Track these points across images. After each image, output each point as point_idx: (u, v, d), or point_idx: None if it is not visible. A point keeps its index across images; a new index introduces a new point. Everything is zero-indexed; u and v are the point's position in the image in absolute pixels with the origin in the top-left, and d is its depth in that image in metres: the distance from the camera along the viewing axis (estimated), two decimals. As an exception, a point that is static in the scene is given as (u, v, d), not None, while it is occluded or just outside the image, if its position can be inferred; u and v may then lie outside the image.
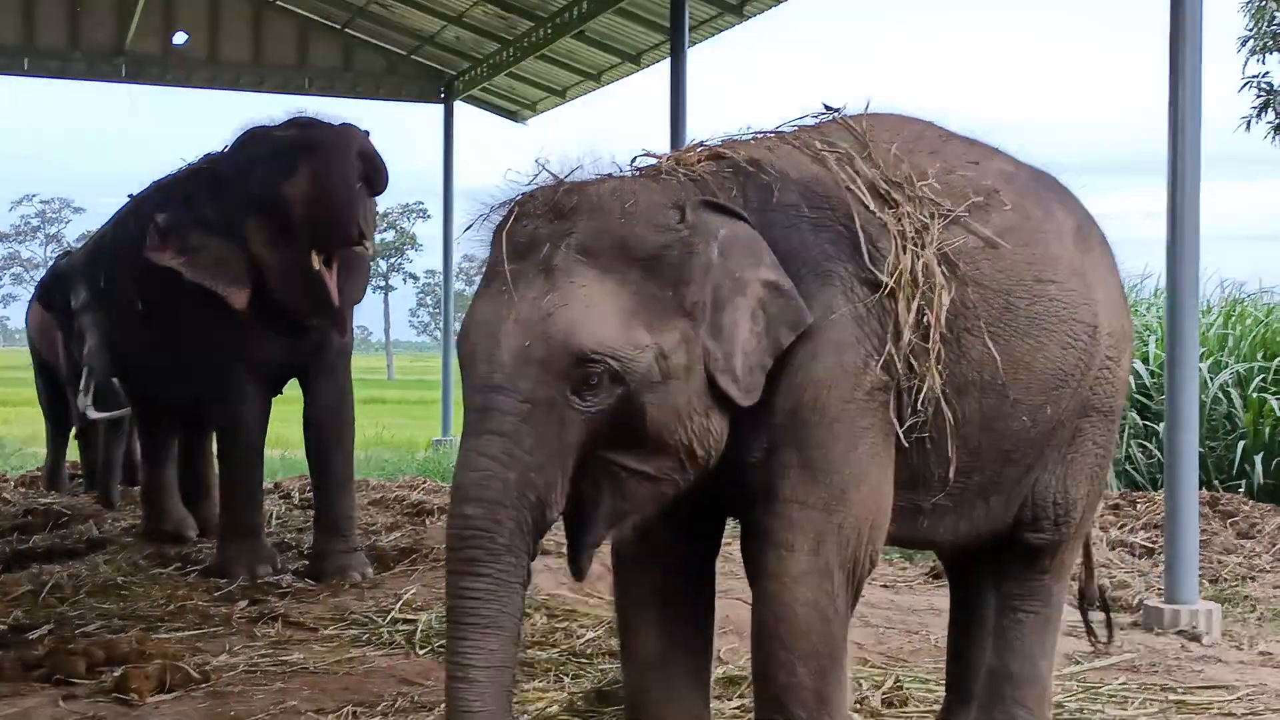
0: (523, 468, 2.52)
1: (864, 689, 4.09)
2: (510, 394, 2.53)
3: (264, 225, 5.61)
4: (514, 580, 2.53)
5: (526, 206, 2.68)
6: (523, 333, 2.54)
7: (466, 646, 2.51)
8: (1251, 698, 4.12)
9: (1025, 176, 3.19)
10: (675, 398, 2.61)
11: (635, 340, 2.56)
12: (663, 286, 2.61)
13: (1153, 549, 6.58)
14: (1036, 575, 3.30)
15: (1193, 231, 5.34)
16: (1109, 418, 3.29)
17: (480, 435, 2.54)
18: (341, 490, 6.01)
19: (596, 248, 2.59)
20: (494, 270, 2.64)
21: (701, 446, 2.67)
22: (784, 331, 2.71)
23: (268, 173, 5.58)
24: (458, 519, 2.54)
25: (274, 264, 5.65)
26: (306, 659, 4.55)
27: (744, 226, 2.72)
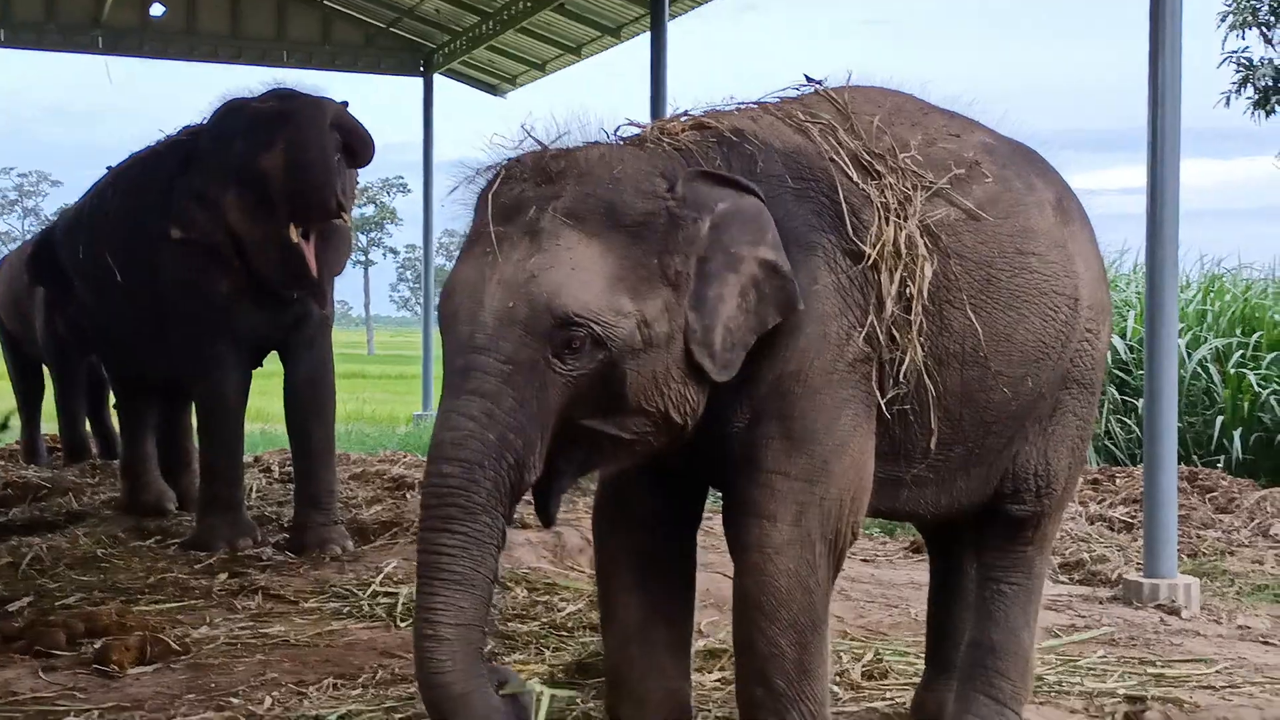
0: (502, 429, 2.50)
1: (844, 662, 4.10)
2: (492, 355, 2.52)
3: (243, 197, 5.60)
4: (489, 540, 2.51)
5: (513, 170, 2.66)
6: (506, 294, 2.53)
7: (437, 603, 2.48)
8: (1230, 671, 4.15)
9: (1005, 149, 3.19)
10: (655, 365, 2.60)
11: (619, 306, 2.55)
12: (648, 254, 2.60)
13: (1132, 524, 6.62)
14: (1018, 547, 3.31)
15: (1172, 207, 5.35)
16: (1089, 389, 3.30)
17: (460, 395, 2.52)
18: (322, 463, 5.99)
19: (583, 212, 2.58)
20: (479, 232, 2.62)
21: (679, 413, 2.66)
22: (772, 313, 2.70)
23: (245, 145, 5.57)
24: (434, 477, 2.52)
25: (252, 236, 5.64)
26: (287, 631, 4.55)
27: (750, 200, 2.71)
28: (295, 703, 3.74)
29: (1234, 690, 3.89)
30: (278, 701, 3.74)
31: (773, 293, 2.69)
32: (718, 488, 3.04)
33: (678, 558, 3.02)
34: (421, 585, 2.52)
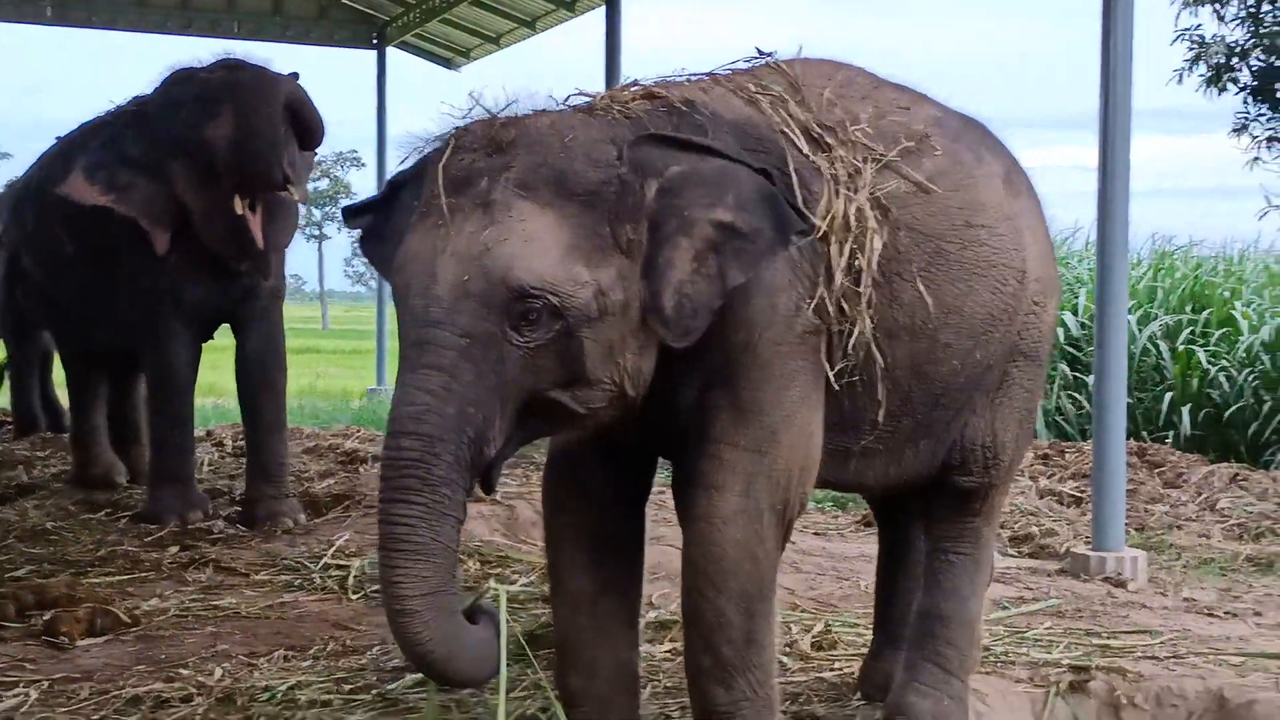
0: (461, 402, 2.48)
1: (794, 633, 4.13)
2: (448, 329, 2.49)
3: (188, 167, 5.56)
4: (449, 512, 2.49)
5: (462, 140, 2.63)
6: (460, 267, 2.50)
7: (399, 575, 2.46)
8: (1174, 642, 4.20)
9: (955, 122, 3.20)
10: (611, 334, 2.59)
11: (575, 276, 2.54)
12: (600, 222, 2.58)
13: (1081, 498, 6.69)
14: (966, 518, 3.34)
15: (1123, 184, 5.39)
16: (1036, 362, 3.32)
17: (417, 370, 2.50)
18: (274, 436, 5.95)
19: (535, 182, 2.56)
20: (429, 204, 2.59)
21: (632, 386, 2.66)
22: (734, 273, 2.67)
23: (192, 115, 5.53)
24: (393, 451, 2.49)
25: (198, 206, 5.59)
26: (238, 604, 4.53)
27: (712, 162, 2.67)
28: (245, 674, 3.73)
29: (1178, 661, 3.95)
30: (228, 673, 3.72)
31: (733, 254, 2.66)
32: (668, 459, 3.04)
33: (627, 529, 3.02)
34: (383, 558, 2.50)
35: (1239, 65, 8.47)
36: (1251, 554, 5.81)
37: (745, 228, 2.66)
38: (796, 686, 3.64)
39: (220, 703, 3.46)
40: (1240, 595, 5.11)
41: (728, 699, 2.81)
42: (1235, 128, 8.70)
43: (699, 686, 2.84)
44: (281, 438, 6.03)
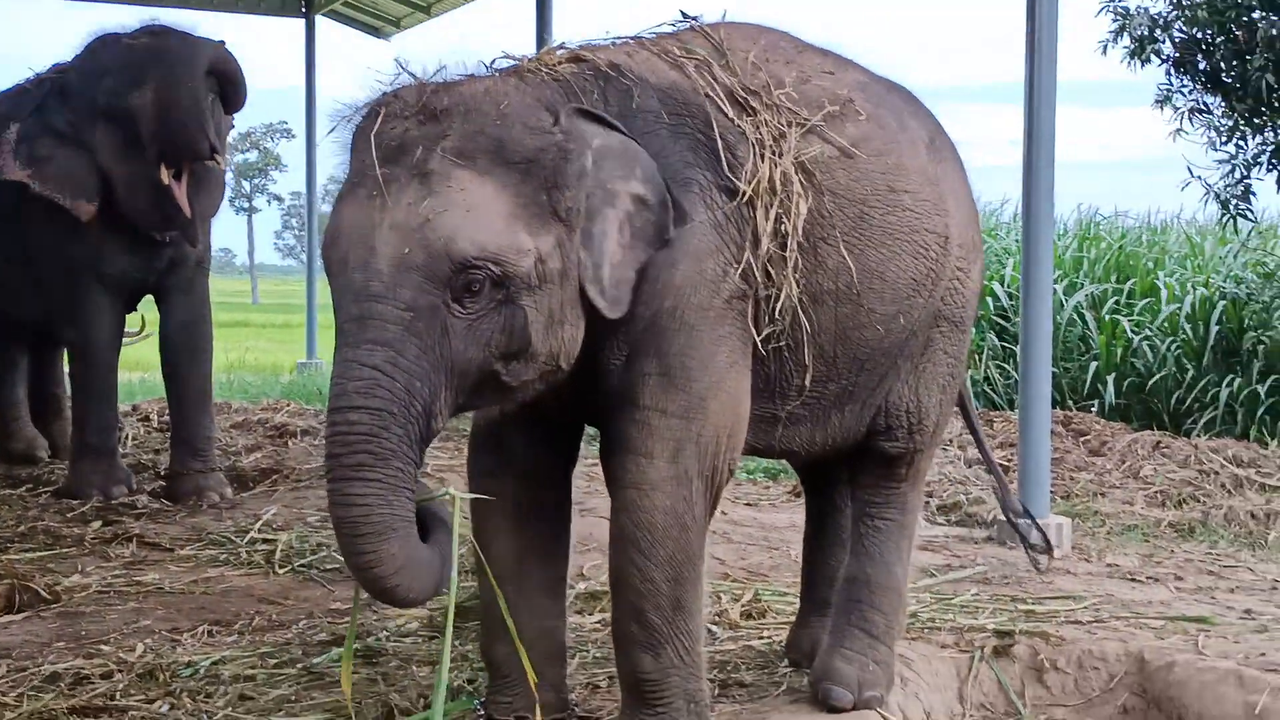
0: (408, 377, 2.45)
1: (724, 602, 4.14)
2: (390, 302, 2.46)
3: (112, 136, 5.46)
4: (404, 486, 2.46)
5: (393, 108, 2.59)
6: (400, 239, 2.46)
7: (370, 560, 2.44)
8: (1097, 607, 4.26)
9: (879, 87, 3.21)
10: (551, 302, 2.58)
11: (517, 244, 2.52)
12: (538, 190, 2.56)
13: (1008, 467, 6.75)
14: (893, 484, 3.36)
15: (1048, 154, 5.43)
16: (960, 327, 3.34)
17: (360, 345, 2.46)
18: (199, 409, 5.86)
19: (473, 151, 2.53)
20: (362, 174, 2.54)
21: (566, 357, 2.65)
22: (642, 246, 2.69)
23: (116, 82, 5.43)
24: (341, 425, 2.44)
25: (122, 175, 5.49)
26: (162, 579, 4.48)
27: (618, 137, 2.69)
28: (168, 650, 3.68)
29: (1099, 625, 4.00)
30: (150, 649, 3.67)
31: (643, 226, 2.68)
32: (594, 426, 3.03)
33: (552, 499, 3.01)
34: (348, 544, 2.46)
35: (1162, 37, 8.54)
36: (1173, 520, 5.91)
37: (652, 200, 2.69)
38: (725, 655, 3.64)
39: (141, 679, 3.40)
40: (1162, 560, 5.20)
41: (655, 666, 2.81)
42: (1158, 100, 8.77)
43: (627, 654, 2.84)
44: (207, 411, 5.94)
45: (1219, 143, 8.75)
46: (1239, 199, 8.69)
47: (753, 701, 3.28)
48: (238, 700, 3.26)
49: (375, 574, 2.46)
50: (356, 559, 2.47)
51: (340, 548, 2.51)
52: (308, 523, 5.18)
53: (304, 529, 5.07)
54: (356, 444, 2.43)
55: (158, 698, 3.26)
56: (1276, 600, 4.52)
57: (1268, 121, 8.51)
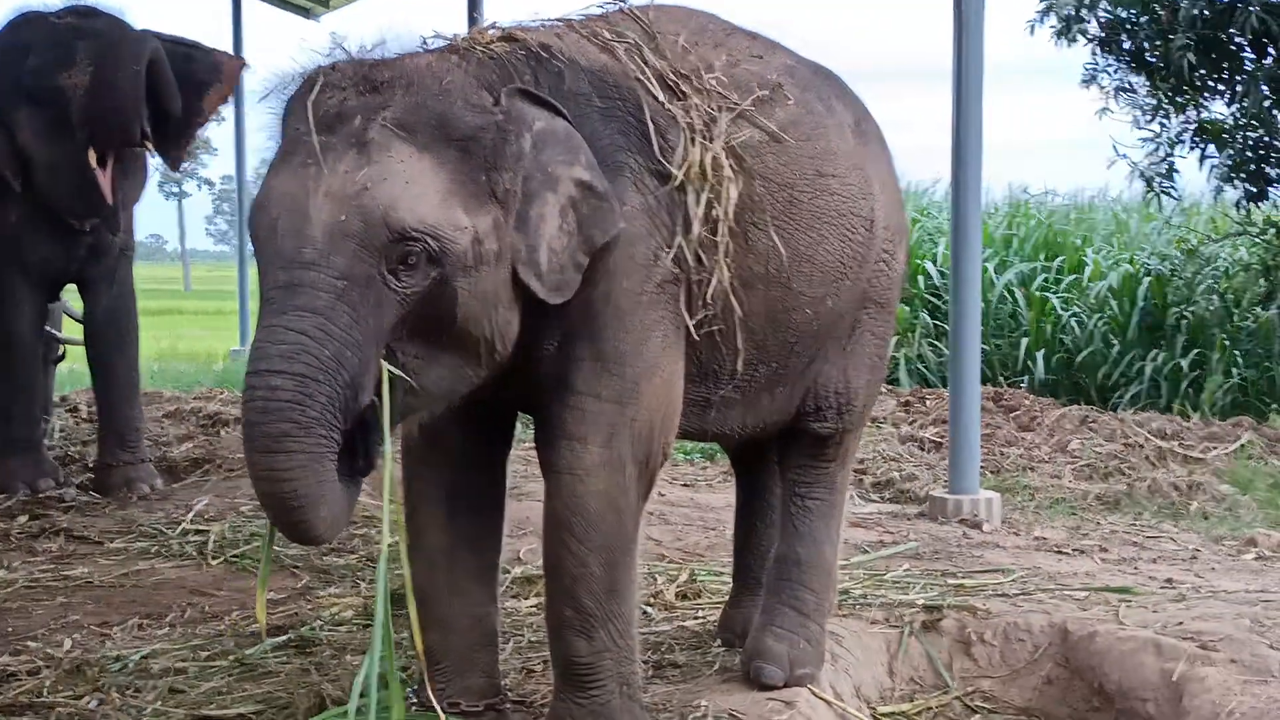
0: (338, 345, 2.38)
1: (659, 583, 4.17)
2: (323, 270, 2.39)
3: (36, 116, 5.28)
4: (328, 454, 2.38)
5: (331, 78, 2.54)
6: (336, 207, 2.41)
7: (304, 530, 2.41)
8: (1025, 579, 4.34)
9: (806, 71, 3.22)
10: (485, 285, 2.54)
11: (455, 221, 2.48)
12: (476, 170, 2.53)
13: (941, 443, 6.85)
14: (822, 464, 3.39)
15: (976, 134, 5.50)
16: (886, 309, 3.38)
17: (287, 312, 2.38)
18: (127, 399, 5.78)
19: (414, 123, 2.49)
20: (295, 142, 2.49)
21: (501, 342, 2.62)
22: (597, 233, 2.67)
23: (43, 61, 5.24)
24: (261, 390, 2.35)
25: (43, 158, 5.33)
26: (91, 573, 4.41)
27: (561, 122, 2.66)
28: (97, 645, 3.63)
29: (1026, 597, 4.07)
30: (78, 644, 3.62)
31: (591, 212, 2.66)
32: (527, 412, 3.03)
33: (485, 485, 3.00)
34: (276, 516, 2.41)
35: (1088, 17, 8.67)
36: (1100, 493, 6.02)
37: (600, 187, 2.67)
38: (659, 636, 3.67)
39: (69, 674, 3.35)
40: (1089, 533, 5.29)
41: (589, 650, 2.82)
42: (1085, 79, 8.91)
43: (560, 638, 2.84)
44: (135, 401, 5.86)
45: (1143, 121, 8.90)
46: (1163, 177, 8.86)
47: (686, 682, 3.31)
48: (168, 694, 3.22)
49: (306, 537, 2.45)
50: (287, 529, 2.43)
51: (267, 514, 2.45)
52: (241, 513, 5.13)
53: (237, 519, 5.03)
54: (278, 412, 2.34)
55: (85, 694, 3.21)
56: (1196, 569, 4.63)
57: (1190, 100, 8.66)
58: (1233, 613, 3.83)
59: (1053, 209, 11.50)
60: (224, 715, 3.09)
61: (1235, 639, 3.54)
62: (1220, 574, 4.56)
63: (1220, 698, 3.21)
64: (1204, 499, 5.97)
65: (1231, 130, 8.58)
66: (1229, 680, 3.29)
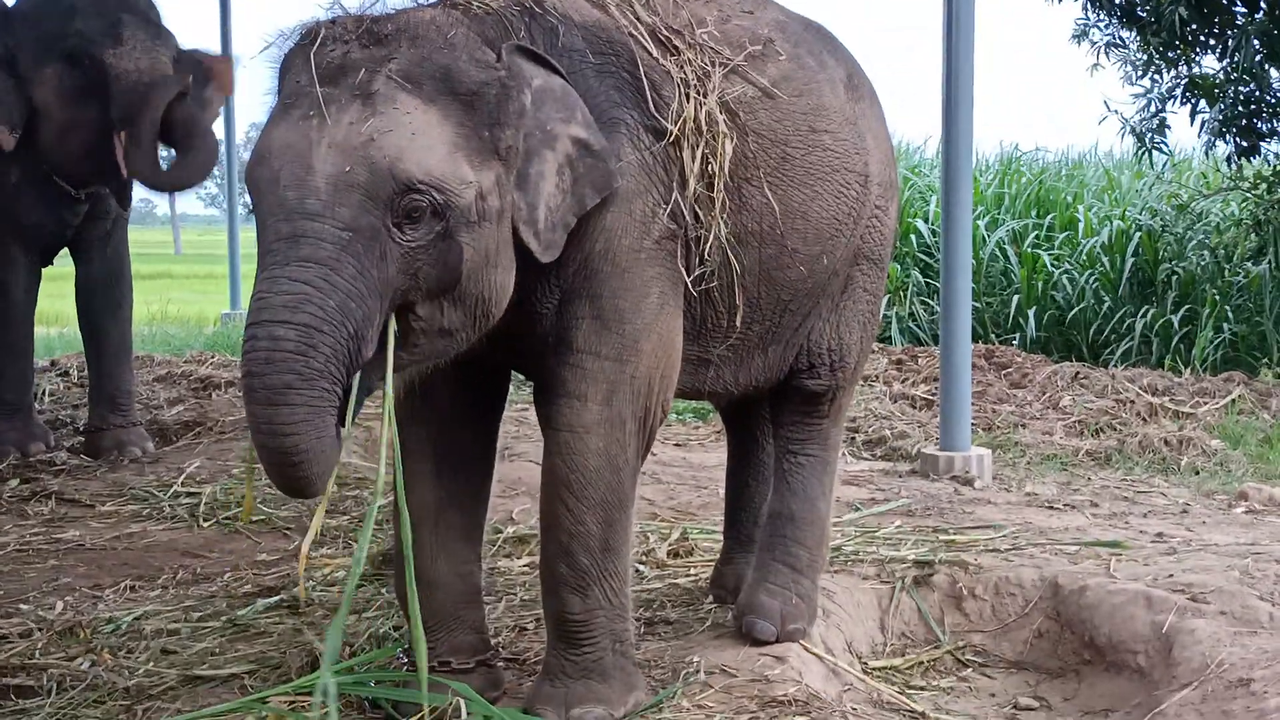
0: (342, 296, 2.35)
1: (651, 542, 4.17)
2: (328, 221, 2.36)
3: (66, 76, 5.16)
4: (329, 408, 2.36)
5: (333, 31, 2.51)
6: (341, 157, 2.38)
7: (300, 487, 2.38)
8: (1015, 535, 4.34)
9: (797, 26, 3.20)
10: (487, 242, 2.52)
11: (461, 175, 2.46)
12: (480, 125, 2.51)
13: (932, 401, 6.85)
14: (815, 421, 3.39)
15: (967, 90, 5.46)
16: (878, 266, 3.37)
17: (291, 263, 2.35)
18: (118, 362, 5.75)
19: (420, 76, 2.47)
20: (297, 94, 2.45)
21: (495, 304, 2.60)
22: (590, 192, 2.66)
23: (93, 30, 5.13)
24: (264, 340, 2.32)
25: (59, 117, 5.19)
26: (82, 536, 4.41)
27: (558, 80, 2.65)
28: (89, 607, 3.63)
29: (1017, 552, 4.08)
30: (70, 606, 3.63)
31: (588, 171, 2.65)
32: (522, 372, 3.02)
33: (475, 443, 2.99)
34: (274, 470, 2.36)
35: (1079, -28, 8.64)
36: (1091, 449, 6.03)
37: (597, 145, 2.66)
38: (651, 593, 3.68)
39: (61, 636, 3.36)
40: (1079, 489, 5.31)
41: (583, 607, 2.82)
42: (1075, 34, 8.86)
43: (555, 594, 2.85)
44: (127, 364, 5.83)
45: (1135, 77, 8.87)
46: (1154, 133, 8.83)
47: (678, 638, 3.32)
48: (160, 655, 3.23)
49: (304, 491, 2.40)
50: (283, 482, 2.39)
51: (265, 469, 2.41)
52: (232, 475, 5.13)
53: (229, 482, 5.02)
54: (281, 363, 2.31)
55: (78, 655, 3.22)
56: (1187, 524, 4.64)
57: (1181, 56, 8.62)
58: (1223, 565, 3.85)
59: (1044, 166, 11.47)
60: (216, 675, 3.10)
61: (1225, 591, 3.55)
62: (1211, 528, 4.58)
63: (1210, 649, 3.23)
64: (1195, 454, 5.98)
65: (1222, 85, 8.55)
66: (1219, 632, 3.31)
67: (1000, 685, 3.59)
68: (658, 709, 2.85)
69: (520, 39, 2.68)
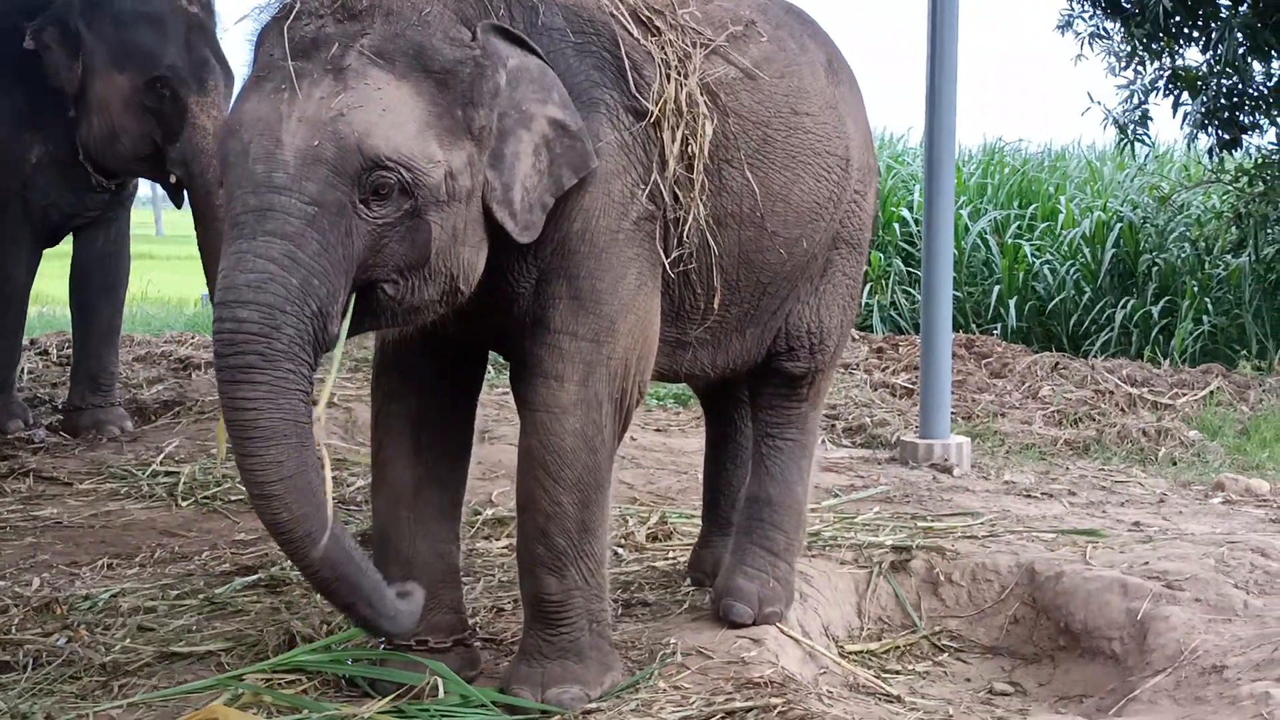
0: (305, 273, 2.35)
1: (630, 525, 4.17)
2: (294, 195, 2.36)
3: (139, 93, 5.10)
4: (295, 387, 2.36)
5: (308, 5, 2.50)
6: (310, 132, 2.38)
7: (253, 463, 2.35)
8: (993, 522, 4.36)
9: (777, 9, 3.20)
10: (456, 221, 2.52)
11: (429, 153, 2.46)
12: (453, 104, 2.51)
13: (912, 390, 6.87)
14: (794, 404, 3.39)
15: (950, 79, 5.47)
16: (858, 250, 3.38)
17: (257, 237, 2.35)
18: (106, 343, 5.72)
19: (392, 52, 2.46)
20: (269, 68, 2.45)
21: (465, 281, 2.60)
22: (567, 173, 2.66)
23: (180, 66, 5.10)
24: (229, 323, 2.33)
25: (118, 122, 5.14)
26: (60, 513, 4.40)
27: (534, 59, 2.64)
28: (66, 584, 3.62)
29: (994, 539, 4.10)
30: (47, 583, 3.61)
31: (564, 152, 2.64)
32: (499, 351, 3.02)
33: (453, 422, 2.99)
34: (235, 445, 2.37)
35: (1064, -39, 8.65)
36: (1069, 438, 6.06)
37: (574, 126, 2.65)
38: (629, 576, 3.69)
39: (38, 612, 3.35)
40: (1057, 477, 5.33)
41: (560, 587, 2.82)
42: (1059, 25, 8.88)
43: (532, 575, 2.85)
44: (114, 345, 5.80)
45: (1118, 68, 8.89)
46: (1137, 124, 8.85)
47: (655, 620, 3.33)
48: (137, 631, 3.22)
49: (259, 479, 2.36)
50: (241, 460, 2.38)
51: (232, 450, 2.41)
52: (211, 455, 5.11)
53: (207, 461, 5.01)
54: (244, 344, 2.33)
55: (54, 631, 3.21)
56: (1164, 513, 4.67)
57: (1165, 47, 8.64)
58: (1199, 554, 3.86)
59: (1026, 156, 11.49)
60: (193, 652, 3.09)
61: (1200, 578, 3.58)
62: (1187, 517, 4.61)
63: (1185, 636, 3.25)
64: (1172, 445, 6.01)
65: (1205, 78, 8.57)
66: (1194, 619, 3.33)
67: (975, 670, 3.61)
68: (634, 689, 2.86)
69: (499, 17, 2.67)
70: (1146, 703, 3.10)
